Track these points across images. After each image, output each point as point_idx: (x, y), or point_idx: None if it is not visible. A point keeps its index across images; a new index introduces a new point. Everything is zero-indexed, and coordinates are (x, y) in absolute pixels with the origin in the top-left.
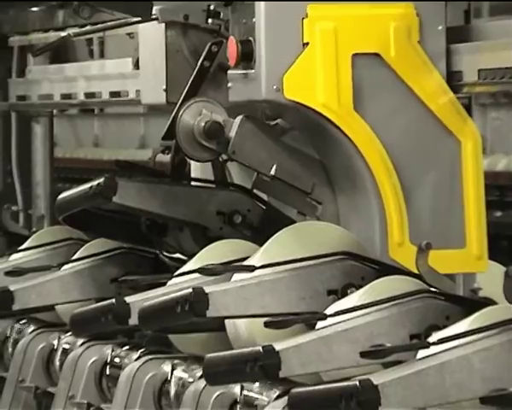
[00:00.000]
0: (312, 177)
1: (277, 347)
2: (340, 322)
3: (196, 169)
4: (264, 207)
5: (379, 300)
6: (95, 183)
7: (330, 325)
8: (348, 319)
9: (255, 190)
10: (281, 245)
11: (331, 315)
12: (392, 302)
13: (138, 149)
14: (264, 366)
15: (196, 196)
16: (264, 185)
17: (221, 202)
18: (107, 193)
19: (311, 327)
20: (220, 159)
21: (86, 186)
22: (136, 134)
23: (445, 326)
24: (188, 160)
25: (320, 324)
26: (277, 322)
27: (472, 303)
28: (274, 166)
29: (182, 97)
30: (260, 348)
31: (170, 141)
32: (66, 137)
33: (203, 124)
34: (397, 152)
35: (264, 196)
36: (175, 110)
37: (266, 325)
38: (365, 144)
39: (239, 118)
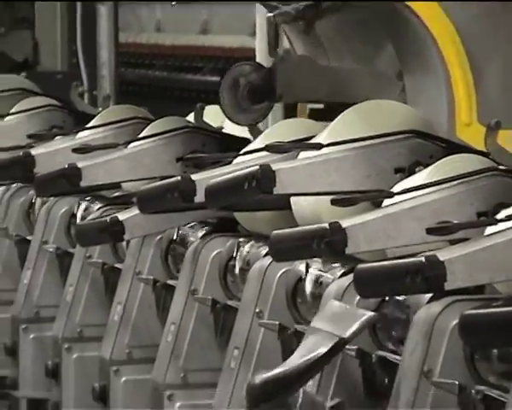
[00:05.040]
0: (366, 86)
1: (344, 224)
2: (406, 200)
3: None
4: None
5: (446, 177)
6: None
7: (397, 203)
8: (415, 197)
9: None
10: (348, 123)
11: (398, 193)
12: (460, 180)
13: (200, 34)
14: (331, 243)
15: None
16: (319, 114)
17: None
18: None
19: (378, 205)
20: None
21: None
22: (198, 19)
23: None
24: None
25: (387, 201)
26: (344, 199)
27: None
28: (324, 93)
29: None
30: (327, 225)
31: None
32: (128, 21)
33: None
34: (467, 32)
35: None
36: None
37: (333, 202)
38: (435, 24)
39: (277, 60)
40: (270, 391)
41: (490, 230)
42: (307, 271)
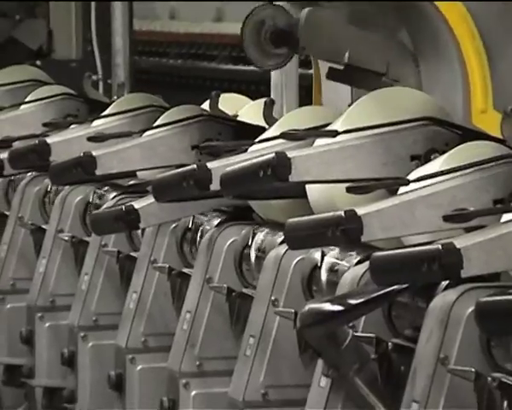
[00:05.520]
0: (387, 56)
1: (359, 211)
2: (422, 187)
3: None
4: None
5: (462, 165)
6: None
7: (413, 190)
8: (431, 184)
9: None
10: (363, 111)
11: (414, 180)
12: (476, 167)
13: (214, 21)
14: (346, 231)
15: None
16: (337, 74)
17: None
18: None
19: (394, 193)
20: None
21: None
22: (213, 6)
23: None
24: None
25: (402, 189)
26: (359, 187)
27: None
28: (346, 54)
29: None
30: (342, 213)
31: None
32: (141, 7)
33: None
34: (482, 18)
35: None
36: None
37: (348, 190)
38: (450, 11)
39: (304, 12)
40: (325, 316)
41: (506, 217)
42: (323, 259)
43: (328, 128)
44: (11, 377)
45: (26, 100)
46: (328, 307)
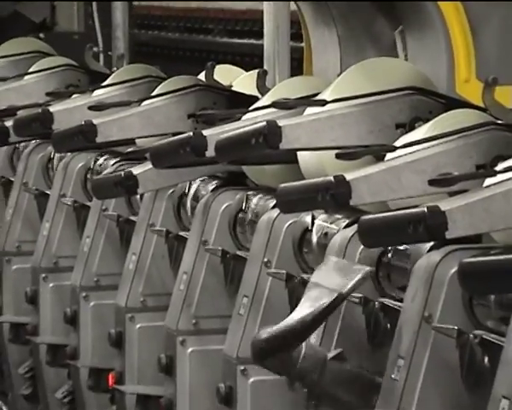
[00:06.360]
0: None
1: (348, 176)
2: (408, 153)
3: None
4: None
5: (446, 132)
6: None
7: (399, 157)
8: (416, 151)
9: None
10: (351, 81)
11: (399, 147)
12: (459, 134)
13: None
14: (336, 195)
15: None
16: None
17: None
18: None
19: (380, 159)
20: None
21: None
22: None
23: (510, 157)
24: None
25: (389, 155)
26: (348, 153)
27: None
28: None
29: None
30: (332, 178)
31: None
32: None
33: None
34: None
35: None
36: None
37: (337, 156)
38: None
39: None
40: (275, 346)
41: (488, 181)
42: (313, 222)
43: (318, 97)
44: (17, 335)
45: (30, 70)
46: (280, 333)
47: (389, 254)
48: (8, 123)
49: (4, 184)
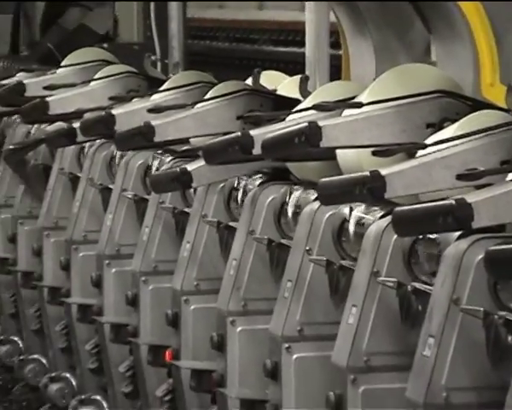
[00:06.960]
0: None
1: (383, 172)
2: (438, 150)
3: None
4: None
5: (472, 131)
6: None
7: (429, 153)
8: (445, 148)
9: None
10: (385, 85)
11: (430, 145)
12: (485, 133)
13: (257, 9)
14: (372, 189)
15: None
16: None
17: None
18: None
19: (412, 156)
20: None
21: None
22: None
23: None
24: None
25: (420, 152)
26: (383, 151)
27: None
28: None
29: None
30: (368, 173)
31: None
32: None
33: None
34: (490, 3)
35: None
36: None
37: (374, 153)
38: None
39: None
40: None
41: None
42: (351, 213)
43: (355, 100)
44: (84, 315)
45: (95, 77)
46: None
47: (420, 243)
48: (76, 124)
49: (72, 179)
